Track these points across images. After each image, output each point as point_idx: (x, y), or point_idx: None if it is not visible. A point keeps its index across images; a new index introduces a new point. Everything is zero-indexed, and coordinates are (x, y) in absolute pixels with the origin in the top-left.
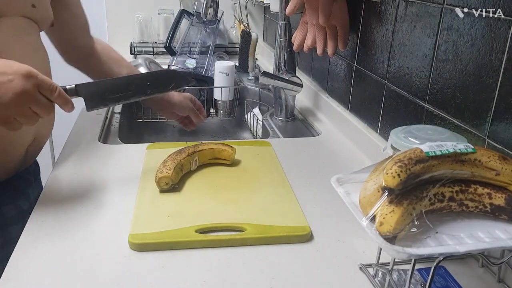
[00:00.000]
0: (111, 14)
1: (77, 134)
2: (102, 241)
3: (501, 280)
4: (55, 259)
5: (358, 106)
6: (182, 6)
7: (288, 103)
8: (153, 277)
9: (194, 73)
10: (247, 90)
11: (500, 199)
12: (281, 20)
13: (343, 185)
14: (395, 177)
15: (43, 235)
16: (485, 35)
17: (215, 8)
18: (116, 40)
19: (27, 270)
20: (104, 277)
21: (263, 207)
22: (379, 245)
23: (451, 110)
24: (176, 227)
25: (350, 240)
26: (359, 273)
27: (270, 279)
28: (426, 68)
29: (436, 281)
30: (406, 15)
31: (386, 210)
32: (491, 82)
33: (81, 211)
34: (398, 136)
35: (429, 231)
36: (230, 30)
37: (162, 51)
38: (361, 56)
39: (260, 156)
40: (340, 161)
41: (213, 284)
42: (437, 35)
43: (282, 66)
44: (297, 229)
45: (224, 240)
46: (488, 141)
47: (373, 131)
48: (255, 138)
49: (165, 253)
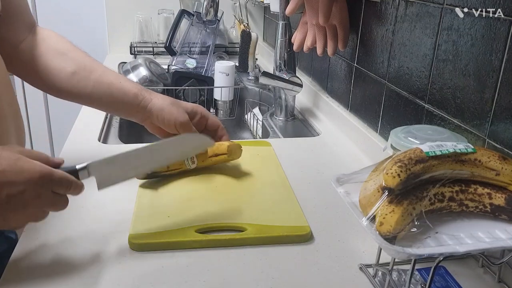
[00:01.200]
0: (111, 14)
1: (77, 134)
2: (102, 241)
3: (501, 280)
4: (55, 259)
5: (358, 106)
6: (182, 6)
7: (288, 103)
8: (153, 277)
9: (194, 73)
10: (247, 90)
11: (500, 199)
12: (281, 20)
13: (343, 185)
14: (395, 177)
15: (43, 235)
16: (485, 35)
17: (215, 8)
18: (116, 40)
19: (26, 270)
20: (104, 277)
21: (263, 207)
22: (379, 245)
23: (451, 110)
24: (176, 227)
25: (350, 240)
26: (359, 273)
27: (270, 279)
28: (426, 68)
29: (436, 281)
30: (406, 15)
31: (386, 210)
32: (491, 82)
33: (81, 211)
34: (398, 136)
35: (429, 231)
36: (230, 30)
37: (162, 51)
38: (361, 56)
39: (260, 156)
40: (340, 161)
41: (213, 284)
42: (437, 35)
43: (282, 66)
44: (297, 229)
45: (224, 240)
46: (488, 141)
47: (373, 131)
48: (255, 138)
49: (165, 253)
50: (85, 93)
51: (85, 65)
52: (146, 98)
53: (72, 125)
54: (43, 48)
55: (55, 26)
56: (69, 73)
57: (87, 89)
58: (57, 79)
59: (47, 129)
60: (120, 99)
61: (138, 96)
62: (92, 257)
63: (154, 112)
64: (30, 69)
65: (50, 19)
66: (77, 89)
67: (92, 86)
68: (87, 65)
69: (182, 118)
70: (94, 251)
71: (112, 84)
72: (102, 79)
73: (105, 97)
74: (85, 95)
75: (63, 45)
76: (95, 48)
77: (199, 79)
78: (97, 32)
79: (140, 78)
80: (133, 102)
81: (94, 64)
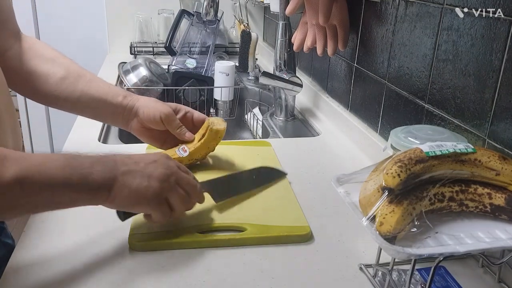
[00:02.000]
0: (111, 14)
1: (77, 134)
2: (102, 241)
3: (501, 280)
4: (55, 260)
5: (358, 106)
6: (182, 6)
7: (288, 103)
8: (153, 277)
9: (194, 73)
10: (247, 90)
11: (500, 199)
12: (281, 20)
13: (343, 185)
14: (395, 177)
15: (43, 235)
16: (485, 35)
17: (215, 8)
18: (116, 40)
19: (26, 271)
20: (104, 277)
21: (263, 207)
22: (379, 245)
23: (451, 110)
24: (176, 227)
25: (350, 240)
26: (359, 273)
27: (270, 279)
28: (426, 68)
29: (436, 281)
30: (406, 15)
31: (386, 210)
32: (491, 82)
33: (81, 211)
34: (398, 136)
35: (429, 231)
36: (230, 30)
37: (162, 51)
38: (361, 56)
39: (260, 156)
40: (340, 161)
41: (213, 284)
42: (437, 35)
43: (282, 66)
44: (297, 229)
45: (224, 240)
46: (488, 141)
47: (373, 131)
48: (255, 138)
49: (165, 253)
50: (74, 97)
51: (74, 70)
52: (133, 99)
53: (72, 125)
54: (31, 54)
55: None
56: (58, 78)
57: (75, 94)
58: (45, 85)
59: (47, 129)
60: (109, 101)
61: (126, 97)
62: (92, 258)
63: (140, 109)
64: (17, 75)
65: (50, 19)
66: (65, 94)
67: (80, 90)
68: (75, 71)
69: (166, 110)
70: (94, 252)
71: (100, 87)
72: (91, 84)
73: (93, 100)
74: (73, 100)
75: (50, 52)
76: (95, 48)
77: (199, 79)
78: (97, 32)
79: (140, 78)
80: (122, 102)
81: (82, 70)
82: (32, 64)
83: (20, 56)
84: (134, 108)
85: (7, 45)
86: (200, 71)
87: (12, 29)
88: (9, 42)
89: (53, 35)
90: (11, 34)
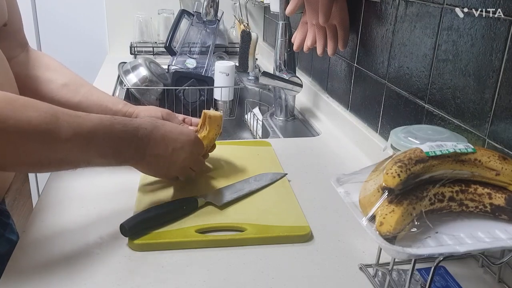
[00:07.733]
0: (111, 14)
1: None
2: (102, 241)
3: (501, 280)
4: (55, 260)
5: (358, 106)
6: (182, 6)
7: (288, 103)
8: (153, 277)
9: (194, 73)
10: (247, 90)
11: (500, 199)
12: (281, 20)
13: (343, 185)
14: (395, 177)
15: (43, 235)
16: (485, 35)
17: (215, 8)
18: (116, 40)
19: (26, 270)
20: (104, 277)
21: (263, 207)
22: (379, 245)
23: (451, 110)
24: (176, 227)
25: (350, 240)
26: (359, 273)
27: (270, 279)
28: (426, 68)
29: (436, 281)
30: (406, 15)
31: (386, 210)
32: (491, 82)
33: (80, 211)
34: (398, 136)
35: (429, 231)
36: (230, 30)
37: (162, 51)
38: (361, 56)
39: (260, 156)
40: (340, 161)
41: (213, 284)
42: (437, 35)
43: (282, 66)
44: (297, 229)
45: (224, 240)
46: (488, 141)
47: (373, 131)
48: (255, 138)
49: (165, 253)
50: (74, 101)
51: (76, 79)
52: (133, 106)
53: None
54: (36, 64)
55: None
56: (60, 85)
57: (76, 98)
58: (47, 89)
59: None
60: (109, 107)
61: (126, 104)
62: (92, 257)
63: (141, 112)
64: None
65: (50, 19)
66: (65, 98)
67: (81, 95)
68: (77, 80)
69: (166, 110)
70: (94, 251)
71: (101, 95)
72: (92, 91)
73: (94, 105)
74: (74, 104)
75: (54, 63)
76: (95, 48)
77: (199, 79)
78: (97, 32)
79: (140, 78)
80: (122, 109)
81: (84, 81)
82: (36, 72)
83: (25, 64)
84: (134, 113)
85: (14, 53)
86: (200, 71)
87: (20, 40)
88: (16, 51)
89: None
90: (19, 45)
